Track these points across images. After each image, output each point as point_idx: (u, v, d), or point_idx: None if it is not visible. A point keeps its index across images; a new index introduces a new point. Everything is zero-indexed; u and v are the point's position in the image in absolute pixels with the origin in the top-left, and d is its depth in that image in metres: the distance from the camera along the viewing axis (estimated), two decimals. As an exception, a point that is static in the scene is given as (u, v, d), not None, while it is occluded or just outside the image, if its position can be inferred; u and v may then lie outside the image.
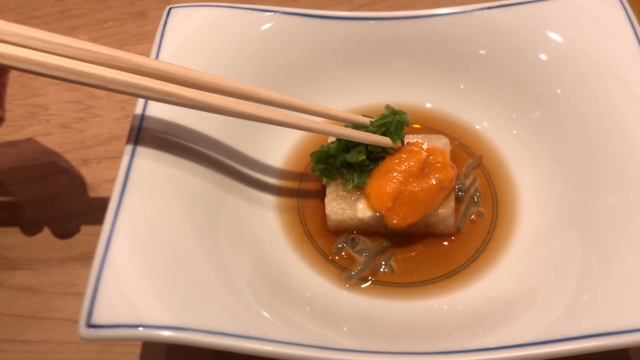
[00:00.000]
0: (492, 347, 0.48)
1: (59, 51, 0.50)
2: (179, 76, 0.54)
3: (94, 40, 0.90)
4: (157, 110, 0.61)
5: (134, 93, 0.53)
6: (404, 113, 0.62)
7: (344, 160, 0.62)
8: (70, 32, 0.91)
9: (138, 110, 0.61)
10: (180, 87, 0.54)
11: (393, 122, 0.61)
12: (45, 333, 0.61)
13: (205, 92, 0.55)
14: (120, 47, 0.87)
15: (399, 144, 0.61)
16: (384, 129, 0.61)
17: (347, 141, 0.62)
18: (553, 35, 0.68)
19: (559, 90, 0.67)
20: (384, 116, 0.61)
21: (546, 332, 0.48)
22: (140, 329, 0.46)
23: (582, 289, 0.52)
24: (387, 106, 0.62)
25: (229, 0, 0.71)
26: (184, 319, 0.47)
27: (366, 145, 0.62)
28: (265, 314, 0.52)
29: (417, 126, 0.73)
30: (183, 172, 0.59)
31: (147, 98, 0.54)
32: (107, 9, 0.94)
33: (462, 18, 0.71)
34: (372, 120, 0.62)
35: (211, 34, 0.68)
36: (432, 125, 0.73)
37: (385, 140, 0.61)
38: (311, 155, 0.64)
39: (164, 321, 0.46)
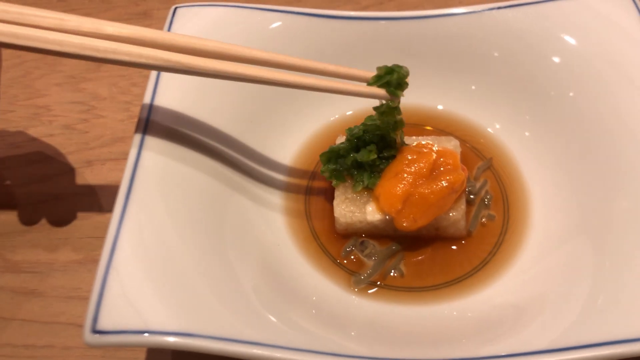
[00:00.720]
0: (503, 354, 0.47)
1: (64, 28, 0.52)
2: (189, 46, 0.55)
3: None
4: (162, 112, 0.61)
5: (146, 64, 0.53)
6: (402, 67, 0.59)
7: (354, 160, 0.62)
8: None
9: (143, 114, 0.60)
10: (189, 56, 0.54)
11: (393, 80, 0.58)
12: (49, 337, 0.60)
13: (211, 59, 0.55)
14: None
15: (401, 95, 0.59)
16: (385, 88, 0.59)
17: (358, 140, 0.62)
18: (565, 37, 0.67)
19: (571, 94, 0.66)
20: (380, 77, 0.59)
21: (560, 338, 0.47)
22: (146, 334, 0.45)
23: (596, 294, 0.51)
24: (379, 67, 0.59)
25: (234, 0, 0.71)
26: (189, 325, 0.46)
27: (377, 144, 0.61)
28: (272, 319, 0.52)
29: (429, 128, 0.72)
30: (189, 176, 0.59)
31: (163, 69, 0.55)
32: (111, 9, 0.94)
33: (472, 18, 0.70)
34: (371, 81, 0.59)
35: (216, 33, 0.67)
36: (443, 127, 0.72)
37: (382, 93, 0.59)
38: (321, 156, 0.63)
39: (169, 327, 0.46)
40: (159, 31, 0.54)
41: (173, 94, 0.62)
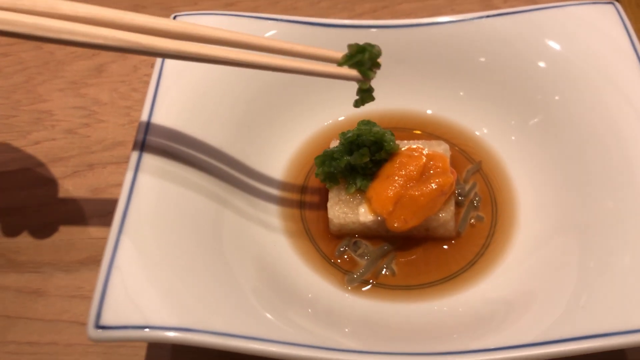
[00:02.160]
0: (492, 347, 0.49)
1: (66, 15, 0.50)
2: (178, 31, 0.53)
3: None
4: (162, 117, 0.63)
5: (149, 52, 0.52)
6: (374, 45, 0.55)
7: (347, 163, 0.63)
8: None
9: (144, 116, 0.62)
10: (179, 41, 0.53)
11: (365, 60, 0.55)
12: (52, 335, 0.62)
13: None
14: (123, 55, 0.90)
15: (373, 76, 0.56)
16: (357, 68, 0.56)
17: (351, 144, 0.63)
18: (551, 43, 0.70)
19: (557, 97, 0.68)
20: (351, 56, 0.55)
21: (545, 333, 0.49)
22: (147, 330, 0.47)
23: (580, 291, 0.53)
24: (350, 45, 0.56)
25: (231, 9, 0.73)
26: (188, 320, 0.48)
27: (369, 147, 0.63)
28: (269, 316, 0.53)
29: (418, 132, 0.74)
30: (187, 178, 0.61)
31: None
32: (111, 16, 0.96)
33: (461, 26, 0.72)
34: (342, 61, 0.56)
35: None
36: (432, 130, 0.74)
37: (354, 74, 0.55)
38: (315, 159, 0.65)
39: (169, 322, 0.48)
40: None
41: (171, 104, 0.64)
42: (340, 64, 0.56)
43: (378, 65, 0.56)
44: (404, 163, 0.62)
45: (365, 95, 0.57)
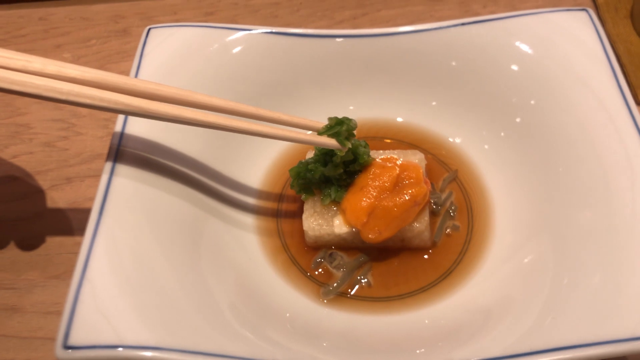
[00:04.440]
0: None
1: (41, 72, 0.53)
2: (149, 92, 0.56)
3: (78, 58, 0.91)
4: (136, 129, 0.62)
5: (112, 108, 0.55)
6: (351, 120, 0.62)
7: (322, 174, 0.63)
8: (55, 50, 0.92)
9: (117, 128, 0.62)
10: (150, 101, 0.56)
11: (342, 132, 0.61)
12: (28, 352, 0.61)
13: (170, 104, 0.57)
14: (103, 65, 0.90)
15: (349, 145, 0.61)
16: (335, 138, 0.62)
17: (325, 155, 0.64)
18: (525, 49, 0.70)
19: (532, 102, 0.68)
20: (330, 127, 0.61)
21: (515, 345, 0.49)
22: (120, 349, 0.46)
23: (552, 302, 0.53)
24: (330, 118, 0.62)
25: (211, 18, 0.72)
26: (164, 339, 0.47)
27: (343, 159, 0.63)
28: (246, 333, 0.53)
29: (389, 140, 0.74)
30: (162, 192, 0.60)
31: (123, 113, 0.56)
32: (91, 27, 0.96)
33: (437, 34, 0.72)
34: (322, 131, 0.62)
35: (188, 54, 0.69)
36: (403, 138, 0.73)
37: (332, 142, 0.61)
38: (290, 170, 0.65)
39: (144, 341, 0.47)
40: (121, 76, 0.55)
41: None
42: (320, 133, 0.62)
43: (353, 136, 0.62)
44: (377, 174, 0.62)
45: (340, 162, 0.63)
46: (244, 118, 0.59)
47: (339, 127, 0.61)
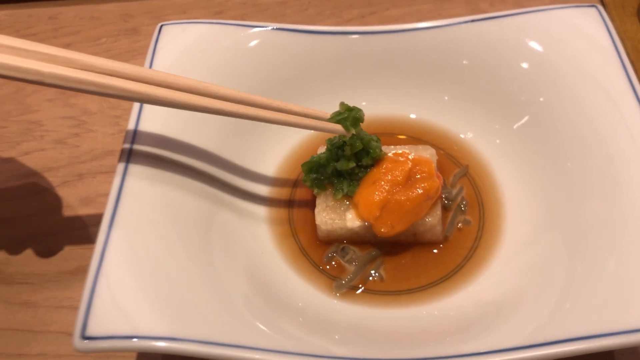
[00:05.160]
0: (479, 352, 0.49)
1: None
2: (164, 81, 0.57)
3: (88, 56, 0.91)
4: (149, 125, 0.63)
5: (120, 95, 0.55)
6: (360, 110, 0.63)
7: (334, 169, 0.64)
8: (64, 48, 0.93)
9: (130, 125, 0.62)
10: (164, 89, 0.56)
11: (349, 118, 0.62)
12: (41, 346, 0.62)
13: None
14: None
15: (353, 131, 0.62)
16: (340, 123, 0.63)
17: (337, 150, 0.64)
18: (535, 45, 0.70)
19: (541, 99, 0.69)
20: (339, 113, 0.63)
21: (531, 336, 0.49)
22: (135, 339, 0.47)
23: (566, 294, 0.54)
24: (342, 103, 0.63)
25: (220, 17, 0.73)
26: (178, 330, 0.48)
27: (355, 153, 0.63)
28: (259, 325, 0.53)
29: (402, 137, 0.74)
30: (175, 186, 0.61)
31: (134, 100, 0.56)
32: (101, 26, 0.96)
33: (447, 31, 0.72)
34: (329, 117, 0.63)
35: (200, 50, 0.69)
36: (416, 135, 0.74)
37: (337, 128, 0.62)
38: (302, 165, 0.66)
39: (158, 332, 0.47)
40: (141, 67, 0.57)
41: (159, 110, 0.64)
42: (329, 119, 0.63)
43: (360, 122, 0.64)
44: (389, 168, 0.62)
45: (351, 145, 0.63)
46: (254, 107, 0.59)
47: (349, 112, 0.62)
